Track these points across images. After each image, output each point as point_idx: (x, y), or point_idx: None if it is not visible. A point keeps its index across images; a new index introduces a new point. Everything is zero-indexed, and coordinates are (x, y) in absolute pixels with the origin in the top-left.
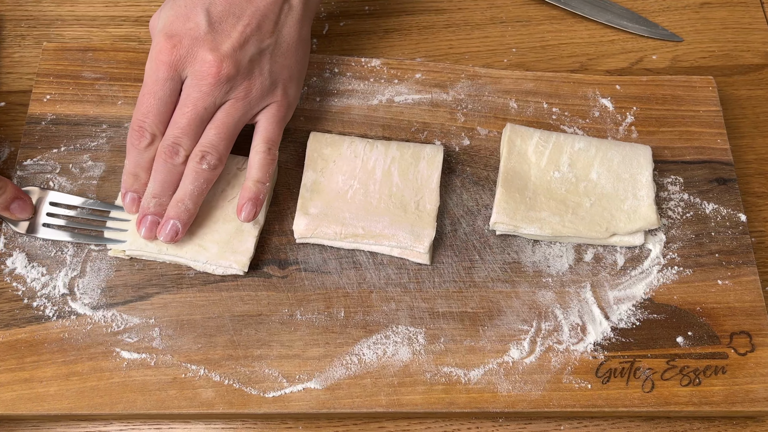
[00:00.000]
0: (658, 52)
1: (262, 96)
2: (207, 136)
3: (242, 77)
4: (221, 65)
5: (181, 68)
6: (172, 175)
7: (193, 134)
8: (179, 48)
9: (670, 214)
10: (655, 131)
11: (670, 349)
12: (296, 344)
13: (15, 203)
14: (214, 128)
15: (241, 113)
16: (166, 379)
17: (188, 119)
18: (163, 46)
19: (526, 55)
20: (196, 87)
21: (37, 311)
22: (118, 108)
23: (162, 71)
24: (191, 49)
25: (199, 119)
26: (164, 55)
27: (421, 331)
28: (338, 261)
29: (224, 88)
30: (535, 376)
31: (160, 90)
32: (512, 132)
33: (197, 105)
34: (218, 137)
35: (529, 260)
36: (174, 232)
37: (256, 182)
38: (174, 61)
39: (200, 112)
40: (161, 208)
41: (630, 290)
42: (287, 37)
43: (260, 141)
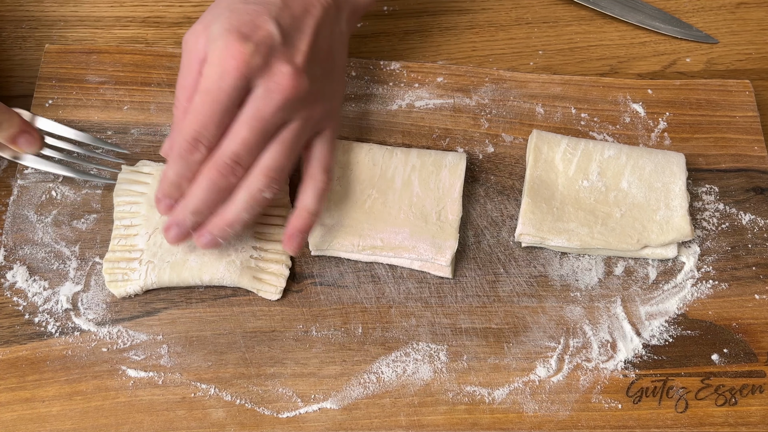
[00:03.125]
0: (692, 55)
1: (321, 119)
2: (273, 157)
3: (311, 96)
4: (299, 81)
5: (253, 77)
6: (222, 194)
7: (255, 151)
8: (257, 54)
9: (705, 225)
10: (689, 138)
11: (705, 367)
12: (311, 362)
13: (22, 137)
14: (282, 147)
15: (306, 135)
16: (174, 398)
17: (254, 134)
18: (237, 49)
19: (553, 58)
20: (268, 100)
21: (38, 327)
22: (124, 113)
23: (231, 77)
24: (268, 58)
25: (266, 135)
26: (237, 60)
27: (442, 348)
28: (356, 274)
29: (296, 105)
30: (563, 395)
31: (226, 99)
32: (539, 139)
33: (266, 119)
34: (286, 159)
35: (556, 273)
36: (214, 244)
37: (311, 215)
38: (248, 69)
39: (268, 128)
40: (198, 225)
41: (663, 305)
42: (339, 62)
43: (319, 169)
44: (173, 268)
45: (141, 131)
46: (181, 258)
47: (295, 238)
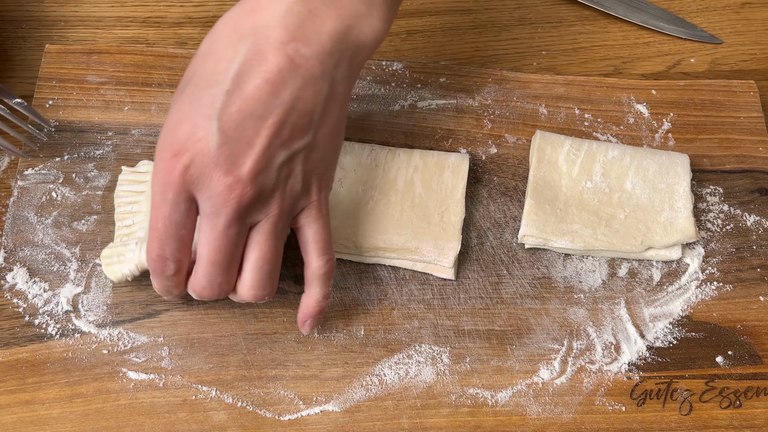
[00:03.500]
0: (697, 55)
1: (296, 202)
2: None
3: (272, 192)
4: (242, 191)
5: (194, 190)
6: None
7: (228, 267)
8: (188, 170)
9: (709, 226)
10: (693, 139)
11: (709, 370)
12: (313, 364)
13: None
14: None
15: (281, 226)
16: (175, 401)
17: (218, 253)
18: (168, 165)
19: (556, 58)
20: (216, 217)
21: (39, 329)
22: (125, 114)
23: (170, 193)
24: (203, 170)
25: (232, 249)
26: (170, 176)
27: (445, 350)
28: (358, 276)
29: (251, 212)
30: (567, 398)
31: (173, 213)
32: (542, 139)
33: (221, 237)
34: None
35: (559, 275)
36: None
37: (320, 300)
38: (183, 184)
39: (232, 239)
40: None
41: (667, 307)
42: (325, 129)
43: (315, 255)
44: None
45: (142, 132)
46: None
47: (309, 324)
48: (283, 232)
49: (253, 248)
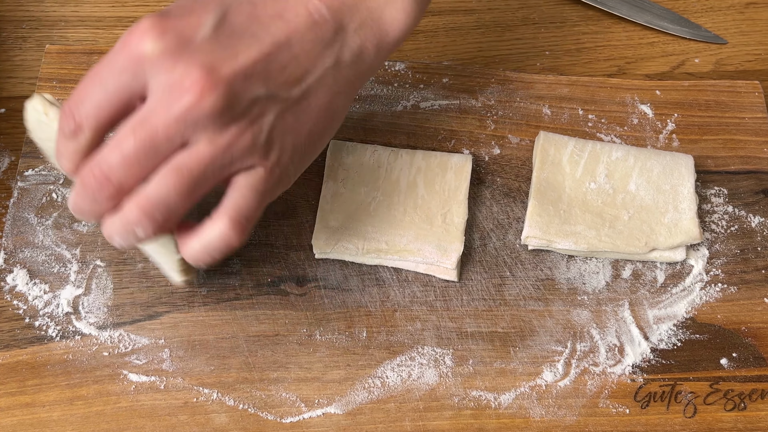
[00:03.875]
0: (701, 55)
1: (246, 153)
2: (159, 187)
3: (233, 117)
4: (208, 90)
5: (149, 68)
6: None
7: (137, 169)
8: (159, 41)
9: (714, 227)
10: (697, 139)
11: (714, 372)
12: (315, 366)
13: None
14: (174, 177)
15: (215, 167)
16: (176, 403)
17: (137, 147)
18: (142, 28)
19: (560, 59)
20: (163, 106)
21: (39, 331)
22: None
23: (122, 58)
24: (179, 52)
25: (154, 151)
26: (137, 40)
27: (448, 352)
28: (360, 278)
29: (203, 122)
30: (570, 400)
31: (110, 79)
32: (545, 140)
33: (156, 132)
34: (177, 194)
35: (563, 277)
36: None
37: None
38: (142, 55)
39: (158, 143)
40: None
41: (671, 309)
42: (316, 98)
43: (224, 212)
44: None
45: None
46: None
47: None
48: (212, 176)
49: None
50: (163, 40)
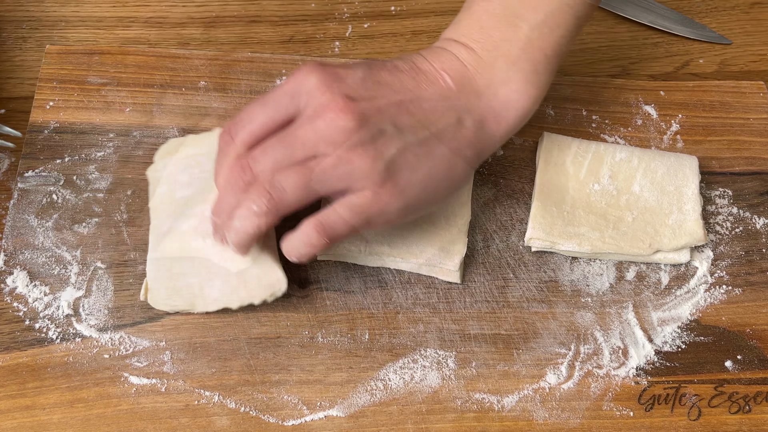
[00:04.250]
0: (705, 56)
1: (364, 172)
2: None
3: (360, 140)
4: (343, 113)
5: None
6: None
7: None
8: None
9: (718, 229)
10: (702, 140)
11: (718, 374)
12: (317, 369)
13: None
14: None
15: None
16: (177, 406)
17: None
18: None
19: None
20: (308, 121)
21: (39, 333)
22: (127, 115)
23: (288, 87)
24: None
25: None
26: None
27: (451, 354)
28: (362, 279)
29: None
30: (574, 402)
31: (272, 102)
32: (549, 141)
33: (298, 140)
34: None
35: (566, 279)
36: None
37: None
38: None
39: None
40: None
41: (675, 311)
42: (436, 147)
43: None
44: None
45: (143, 133)
46: None
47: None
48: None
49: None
50: (323, 76)
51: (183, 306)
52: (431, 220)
